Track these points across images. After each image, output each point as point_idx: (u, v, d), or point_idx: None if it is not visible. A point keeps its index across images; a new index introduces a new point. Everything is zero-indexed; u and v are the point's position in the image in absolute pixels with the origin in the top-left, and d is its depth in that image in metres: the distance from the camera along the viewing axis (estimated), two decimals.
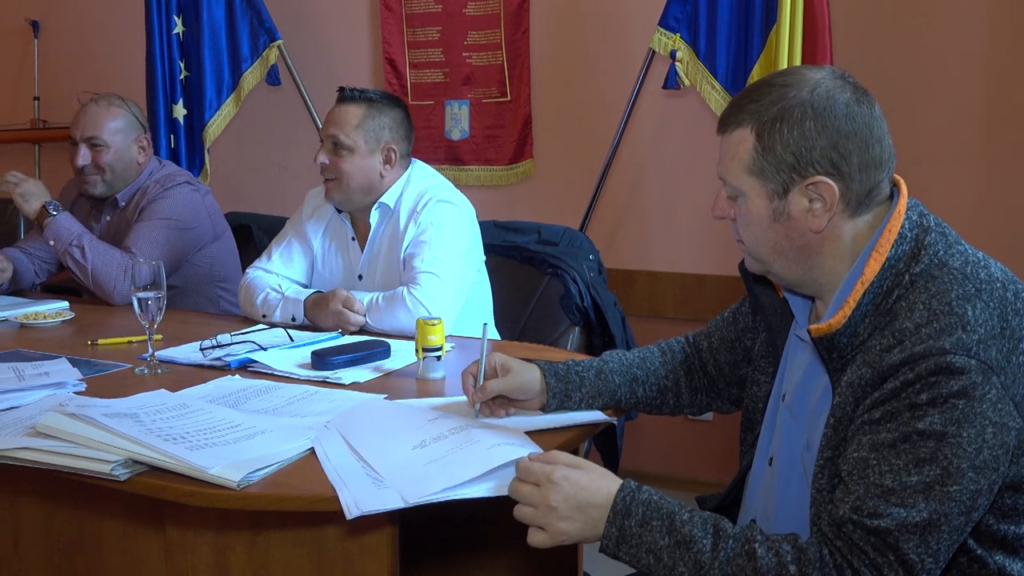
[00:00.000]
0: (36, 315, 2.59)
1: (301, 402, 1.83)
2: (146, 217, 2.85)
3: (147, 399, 1.75)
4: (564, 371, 1.71)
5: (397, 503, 1.38)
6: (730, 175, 1.39)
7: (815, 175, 1.32)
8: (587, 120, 3.59)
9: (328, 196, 2.54)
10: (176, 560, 1.60)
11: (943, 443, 1.19)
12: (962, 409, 1.19)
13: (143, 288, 2.06)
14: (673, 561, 1.27)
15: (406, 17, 3.84)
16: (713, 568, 1.24)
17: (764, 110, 1.34)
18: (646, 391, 1.74)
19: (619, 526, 1.30)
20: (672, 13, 3.15)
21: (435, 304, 2.30)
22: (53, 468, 1.54)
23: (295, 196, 2.74)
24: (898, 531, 1.19)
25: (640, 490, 1.33)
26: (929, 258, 1.29)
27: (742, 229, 1.43)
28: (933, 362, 1.20)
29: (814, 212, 1.34)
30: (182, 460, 1.46)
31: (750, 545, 1.24)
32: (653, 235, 3.57)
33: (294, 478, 1.47)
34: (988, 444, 1.19)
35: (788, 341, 1.52)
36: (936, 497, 1.18)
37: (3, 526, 1.80)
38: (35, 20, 4.62)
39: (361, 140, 2.47)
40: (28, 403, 1.81)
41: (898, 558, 1.19)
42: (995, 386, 1.19)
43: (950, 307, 1.23)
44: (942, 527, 1.19)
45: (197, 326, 2.48)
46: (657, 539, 1.28)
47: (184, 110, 3.89)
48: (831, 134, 1.31)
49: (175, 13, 3.85)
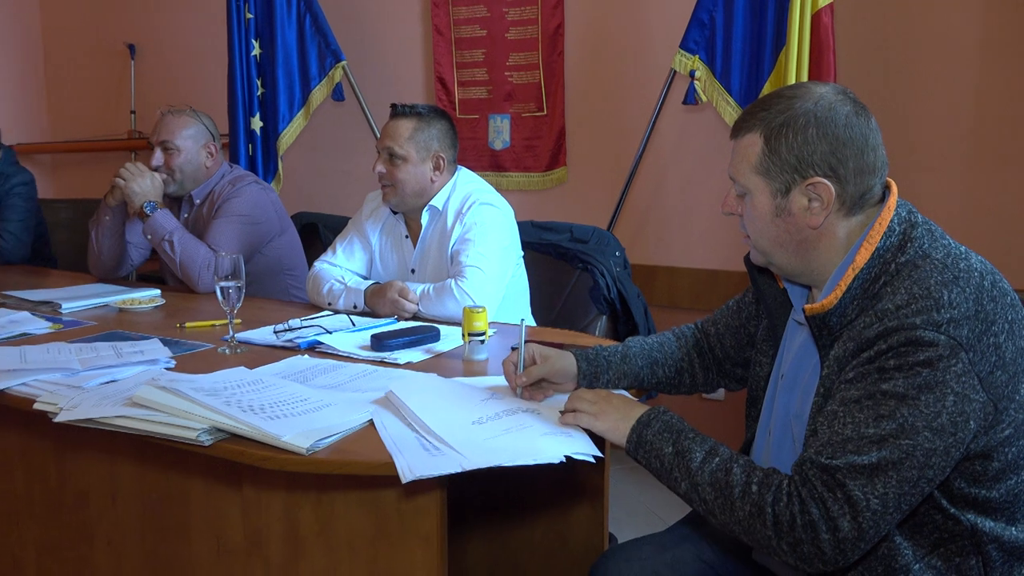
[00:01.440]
0: (132, 301, 2.61)
1: (362, 379, 1.84)
2: (221, 214, 2.86)
3: (228, 375, 1.76)
4: (593, 356, 1.71)
5: (449, 469, 1.38)
6: (739, 175, 1.40)
7: (814, 176, 1.33)
8: (615, 132, 3.56)
9: (385, 200, 2.54)
10: (251, 516, 1.61)
11: (903, 403, 1.19)
12: (925, 376, 1.19)
13: (225, 278, 2.08)
14: (672, 467, 1.36)
15: (455, 41, 3.83)
16: (700, 475, 1.32)
17: (773, 117, 1.35)
18: (665, 371, 1.75)
19: (639, 433, 1.42)
20: (691, 36, 3.13)
21: (479, 295, 2.29)
22: (146, 434, 1.55)
23: (356, 198, 2.75)
24: (847, 470, 1.20)
25: (664, 412, 1.44)
26: (915, 249, 1.29)
27: (748, 224, 1.43)
28: (904, 335, 1.20)
29: (812, 210, 1.34)
30: (258, 429, 1.47)
31: (731, 464, 1.31)
32: (672, 234, 3.54)
33: (356, 445, 1.48)
34: (947, 411, 1.18)
35: (787, 327, 1.52)
36: (888, 447, 1.19)
37: (103, 484, 1.83)
38: (132, 44, 4.67)
39: (413, 150, 2.46)
40: (125, 377, 1.83)
41: (844, 495, 1.19)
42: (962, 361, 1.19)
43: (928, 291, 1.22)
44: (890, 474, 1.18)
45: (271, 312, 2.50)
46: (664, 447, 1.38)
47: (260, 123, 3.91)
48: (830, 141, 1.31)
49: (253, 37, 3.87)
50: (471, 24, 3.79)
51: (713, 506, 1.30)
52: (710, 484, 1.30)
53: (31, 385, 1.79)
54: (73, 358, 1.91)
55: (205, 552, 1.69)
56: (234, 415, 1.51)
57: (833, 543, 1.19)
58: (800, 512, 1.21)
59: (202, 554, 1.70)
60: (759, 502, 1.25)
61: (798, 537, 1.21)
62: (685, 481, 1.34)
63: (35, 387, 1.78)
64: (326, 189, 4.22)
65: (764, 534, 1.24)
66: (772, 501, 1.24)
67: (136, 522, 1.79)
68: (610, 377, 1.71)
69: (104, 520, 1.84)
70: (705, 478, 1.31)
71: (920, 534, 1.28)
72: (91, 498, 1.85)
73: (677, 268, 3.52)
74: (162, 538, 1.75)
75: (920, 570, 1.27)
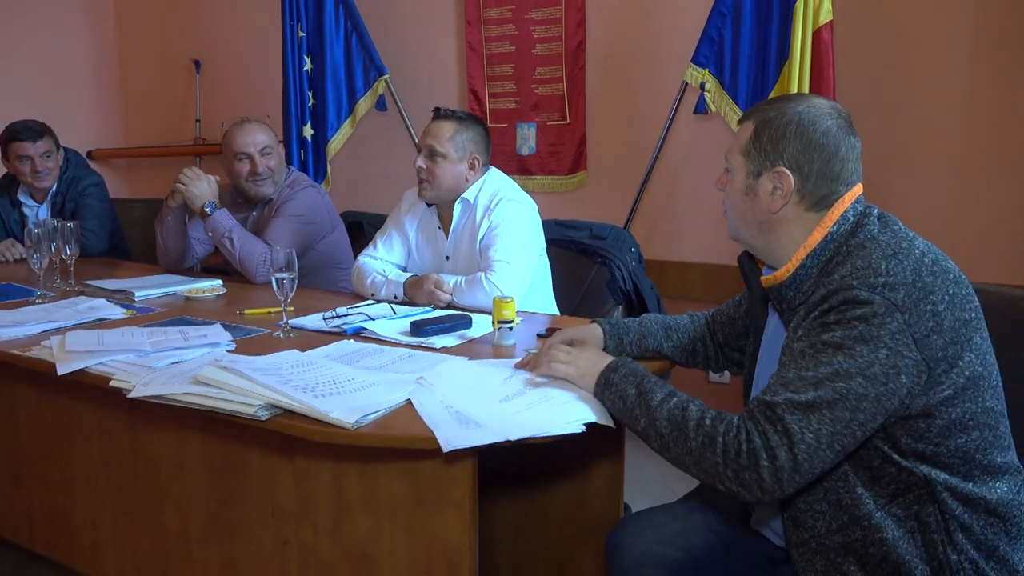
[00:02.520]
0: (197, 290, 2.63)
1: (402, 362, 1.84)
2: (280, 214, 2.87)
3: (282, 357, 1.77)
4: (615, 322, 1.81)
5: (483, 440, 1.39)
6: (730, 153, 1.46)
7: (781, 167, 1.37)
8: (631, 139, 3.54)
9: (421, 193, 2.54)
10: (303, 484, 1.62)
11: (839, 351, 1.22)
12: (861, 330, 1.21)
13: (280, 270, 2.09)
14: (633, 405, 1.40)
15: (486, 56, 3.82)
16: (659, 411, 1.35)
17: (767, 113, 1.41)
18: (679, 338, 1.80)
19: (607, 376, 1.47)
20: (702, 51, 3.11)
21: (507, 286, 2.29)
22: (210, 409, 1.57)
23: (397, 198, 2.75)
24: (785, 405, 1.23)
25: (630, 362, 1.50)
26: (864, 234, 1.33)
27: (727, 199, 1.48)
28: (843, 295, 1.24)
29: (774, 196, 1.39)
30: (309, 405, 1.48)
31: (688, 404, 1.34)
32: (684, 232, 3.51)
33: (396, 421, 1.49)
34: (879, 362, 1.21)
35: (768, 316, 1.54)
36: (824, 388, 1.21)
37: (171, 453, 1.85)
38: (197, 59, 4.70)
39: (452, 149, 2.46)
40: (191, 358, 1.85)
41: (783, 427, 1.22)
42: (896, 320, 1.21)
43: (869, 263, 1.26)
44: (824, 411, 1.21)
45: (320, 301, 2.50)
46: (628, 389, 1.42)
47: (311, 130, 3.93)
48: (804, 142, 1.36)
49: (305, 53, 3.88)
50: (501, 41, 3.78)
51: (668, 439, 1.33)
52: (667, 419, 1.33)
53: (108, 365, 1.82)
54: (145, 341, 1.93)
55: (261, 515, 1.71)
56: (288, 393, 1.52)
57: (771, 471, 1.22)
58: (746, 441, 1.24)
59: (258, 516, 1.72)
60: (711, 432, 1.28)
61: (741, 464, 1.23)
62: (644, 418, 1.37)
63: (111, 366, 1.80)
64: (370, 190, 4.22)
65: (713, 461, 1.26)
66: (723, 431, 1.27)
67: (201, 487, 1.81)
68: (631, 339, 1.78)
69: (172, 486, 1.86)
70: (663, 414, 1.34)
71: (879, 484, 1.29)
72: (161, 466, 1.88)
73: (688, 263, 3.49)
74: (223, 502, 1.77)
75: (882, 517, 1.28)
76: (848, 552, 1.30)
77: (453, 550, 1.49)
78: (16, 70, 4.53)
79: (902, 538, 1.27)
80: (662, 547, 1.55)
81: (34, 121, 3.33)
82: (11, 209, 3.45)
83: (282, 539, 1.68)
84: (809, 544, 1.33)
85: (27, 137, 3.27)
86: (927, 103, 2.94)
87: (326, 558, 1.61)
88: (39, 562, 2.39)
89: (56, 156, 3.38)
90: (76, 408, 2.02)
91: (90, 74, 4.93)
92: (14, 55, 4.53)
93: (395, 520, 1.53)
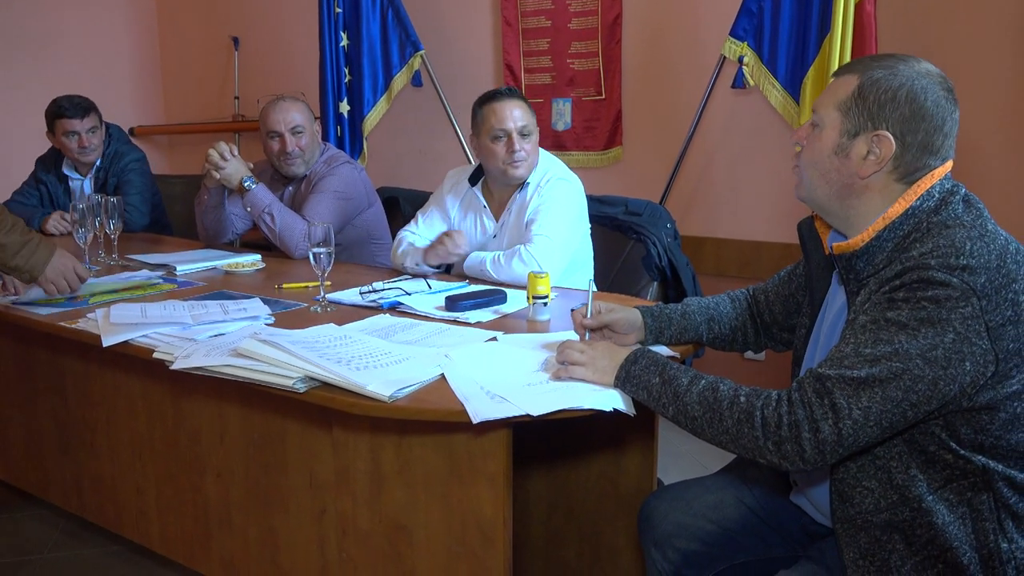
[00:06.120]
0: (237, 265, 2.66)
1: (437, 336, 1.84)
2: (318, 190, 2.87)
3: (319, 331, 1.78)
4: (658, 312, 1.70)
5: (512, 412, 1.39)
6: (822, 106, 1.36)
7: (884, 130, 1.28)
8: (667, 114, 3.49)
9: (519, 175, 2.45)
10: (340, 455, 1.64)
11: (903, 330, 1.17)
12: (929, 312, 1.16)
13: (317, 244, 2.10)
14: (660, 394, 1.37)
15: (522, 31, 3.79)
16: (688, 396, 1.32)
17: (875, 70, 1.31)
18: (721, 328, 1.71)
19: (627, 370, 1.44)
20: (741, 24, 3.05)
21: (544, 259, 2.28)
22: (250, 381, 1.59)
23: (432, 174, 2.75)
24: (837, 379, 1.19)
25: (648, 351, 1.46)
26: (947, 213, 1.26)
27: (805, 155, 1.38)
28: (918, 274, 1.18)
29: (867, 160, 1.30)
30: (346, 378, 1.49)
31: (717, 384, 1.32)
32: (720, 208, 3.46)
33: (432, 395, 1.49)
34: (944, 346, 1.15)
35: (829, 291, 1.47)
36: (880, 366, 1.17)
37: (213, 424, 1.88)
38: (236, 37, 4.73)
39: (536, 125, 2.48)
40: (231, 331, 1.86)
41: (831, 401, 1.19)
42: (972, 305, 1.15)
43: (952, 242, 1.20)
44: (875, 389, 1.17)
45: (357, 275, 2.51)
46: (651, 379, 1.39)
47: (348, 107, 3.93)
48: (913, 109, 1.28)
49: (341, 29, 3.88)
50: (537, 15, 3.74)
51: (702, 421, 1.30)
52: (698, 403, 1.31)
53: (151, 337, 1.84)
54: (186, 314, 1.95)
55: (300, 485, 1.74)
56: (325, 366, 1.53)
57: (814, 443, 1.20)
58: (788, 412, 1.22)
59: (297, 486, 1.74)
60: (748, 408, 1.25)
61: (783, 435, 1.21)
62: (672, 405, 1.35)
63: (154, 339, 1.83)
64: (405, 166, 4.23)
65: (752, 435, 1.24)
66: (761, 406, 1.25)
67: (241, 457, 1.84)
68: (673, 332, 1.69)
69: (213, 455, 1.90)
70: (693, 398, 1.32)
71: (933, 468, 1.25)
72: (202, 436, 1.91)
73: (724, 239, 3.45)
74: (263, 472, 1.80)
75: (933, 501, 1.24)
76: (894, 531, 1.27)
77: (487, 522, 1.50)
78: (60, 48, 4.59)
79: (952, 523, 1.24)
80: (695, 519, 1.54)
81: (80, 97, 3.37)
82: (57, 184, 3.51)
83: (320, 509, 1.70)
84: (855, 520, 1.30)
85: (74, 114, 3.31)
86: (973, 77, 2.86)
87: (364, 528, 1.63)
88: (91, 530, 2.46)
89: (100, 131, 3.42)
90: (121, 379, 2.06)
91: (132, 52, 4.99)
92: (59, 34, 4.59)
93: (430, 492, 1.54)
